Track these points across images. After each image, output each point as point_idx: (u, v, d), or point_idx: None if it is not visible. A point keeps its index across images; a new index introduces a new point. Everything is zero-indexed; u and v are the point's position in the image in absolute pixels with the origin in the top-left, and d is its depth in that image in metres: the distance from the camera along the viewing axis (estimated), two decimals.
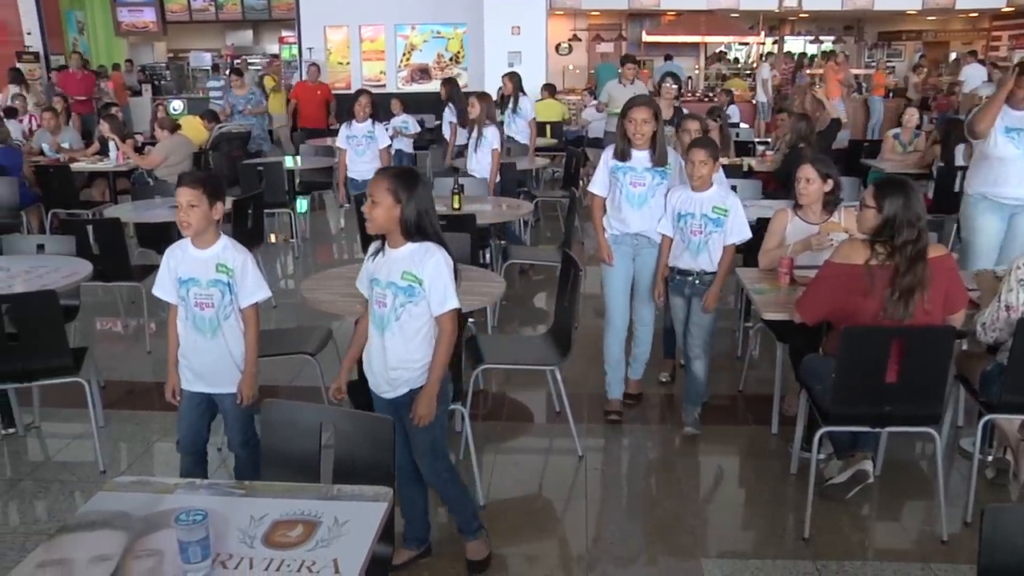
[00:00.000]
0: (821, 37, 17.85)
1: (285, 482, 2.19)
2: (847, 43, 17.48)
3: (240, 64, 14.80)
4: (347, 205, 7.44)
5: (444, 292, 2.66)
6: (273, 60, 14.15)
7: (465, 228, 4.69)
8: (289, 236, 8.11)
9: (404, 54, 15.09)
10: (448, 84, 8.95)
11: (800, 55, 16.19)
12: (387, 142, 6.90)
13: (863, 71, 15.54)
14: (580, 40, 16.55)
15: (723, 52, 17.46)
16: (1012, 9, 13.86)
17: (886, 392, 3.03)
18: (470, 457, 3.51)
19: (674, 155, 4.11)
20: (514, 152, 8.13)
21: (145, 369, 5.01)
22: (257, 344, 3.04)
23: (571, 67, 16.23)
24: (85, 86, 12.65)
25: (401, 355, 2.72)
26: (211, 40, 18.23)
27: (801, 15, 16.18)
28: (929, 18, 16.70)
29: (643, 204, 3.98)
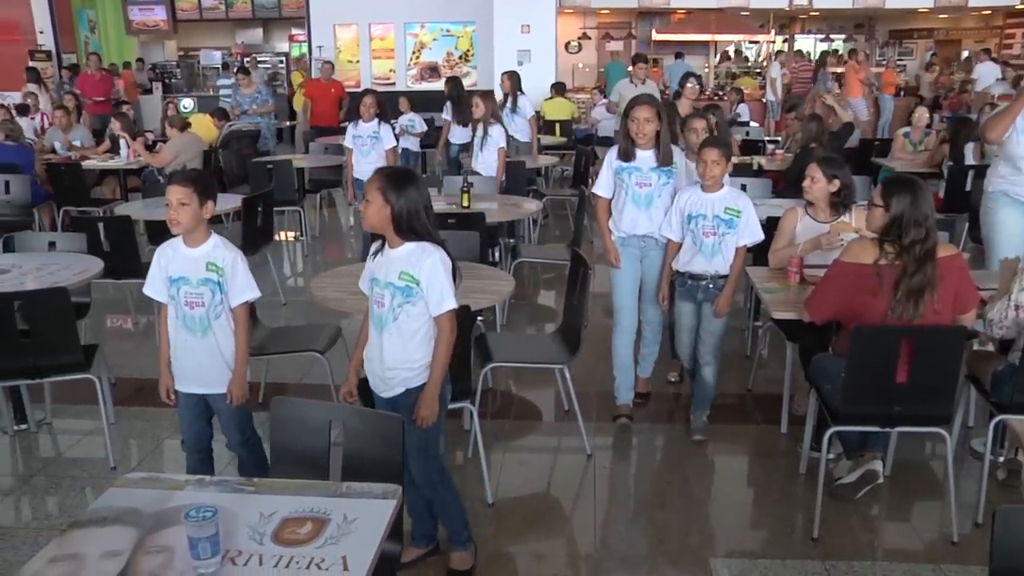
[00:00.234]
0: (832, 35, 17.77)
1: (294, 479, 2.20)
2: (858, 41, 17.40)
3: (249, 63, 14.82)
4: (355, 204, 7.45)
5: (441, 292, 2.64)
6: (300, 60, 13.91)
7: (474, 226, 4.69)
8: (299, 234, 8.14)
9: (413, 52, 15.10)
10: (451, 83, 9.00)
11: (823, 53, 16.03)
12: (393, 143, 6.82)
13: (874, 69, 15.45)
14: (590, 38, 16.54)
15: (737, 51, 17.37)
16: None
17: (896, 392, 3.02)
18: (479, 455, 3.51)
19: (679, 155, 4.06)
20: (518, 151, 8.12)
21: (155, 366, 4.90)
22: (247, 343, 3.02)
23: (581, 65, 16.22)
24: (103, 87, 12.69)
25: (398, 356, 2.72)
26: (221, 38, 18.31)
27: (812, 13, 16.11)
28: (941, 16, 16.62)
29: (649, 205, 3.92)
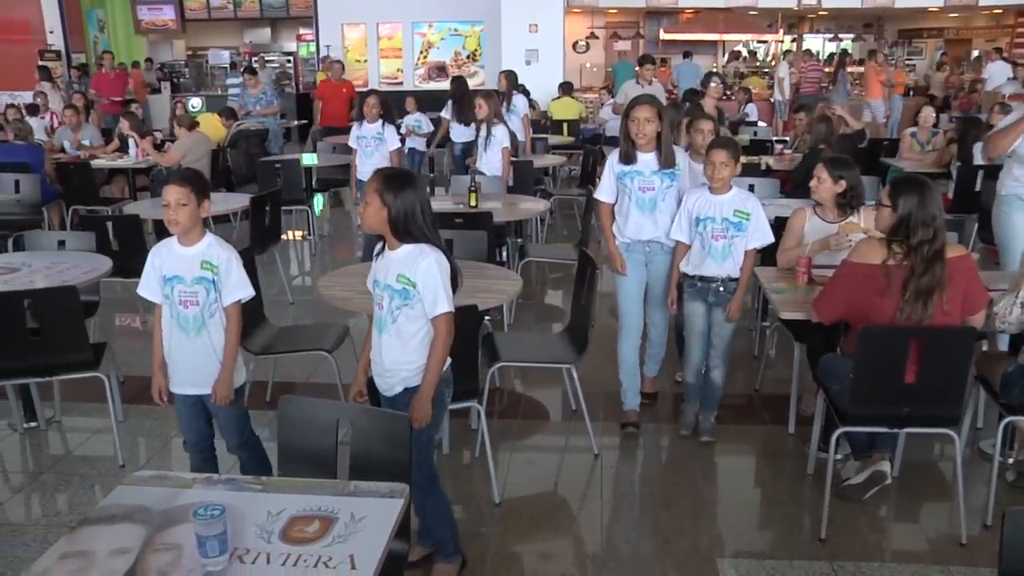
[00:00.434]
0: (840, 35, 17.72)
1: (302, 478, 2.20)
2: (867, 41, 17.34)
3: (257, 62, 14.86)
4: (359, 204, 7.45)
5: (436, 295, 2.62)
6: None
7: (482, 226, 4.69)
8: (307, 233, 8.15)
9: (421, 52, 15.13)
10: (455, 82, 9.04)
11: (843, 52, 15.95)
12: (396, 144, 6.71)
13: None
14: (597, 38, 16.53)
15: (751, 52, 17.29)
16: None
17: (904, 393, 3.01)
18: (486, 454, 3.51)
19: (683, 156, 3.99)
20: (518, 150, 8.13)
21: None
22: (236, 343, 3.00)
23: (588, 65, 16.22)
24: (119, 86, 12.73)
25: (397, 358, 2.71)
26: (229, 38, 18.37)
27: (820, 12, 16.07)
28: (951, 15, 16.54)
29: (654, 209, 3.84)
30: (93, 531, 1.91)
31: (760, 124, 11.32)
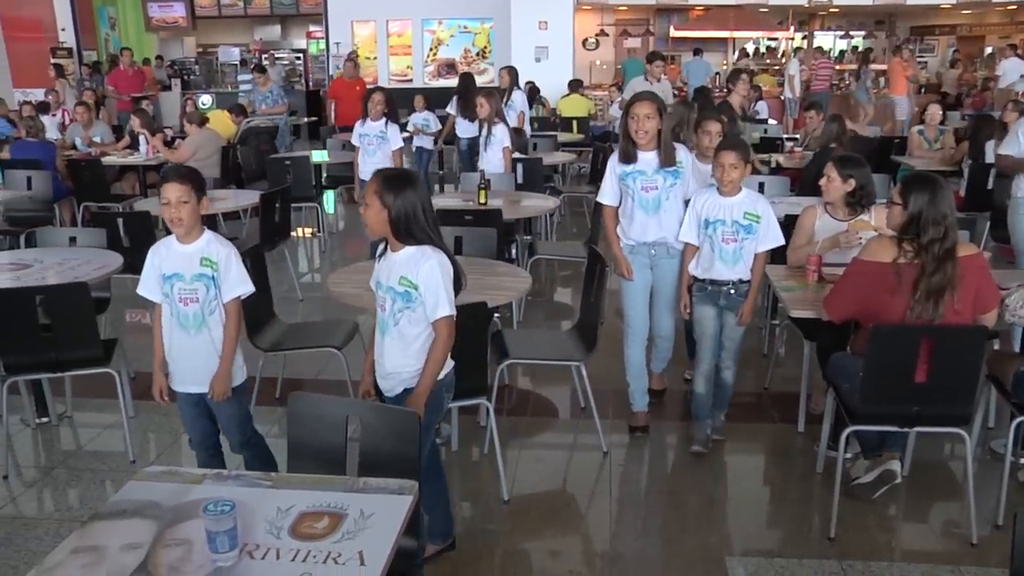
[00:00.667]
0: (852, 32, 17.62)
1: (311, 474, 2.21)
2: (878, 38, 17.25)
3: (267, 59, 14.88)
4: (361, 203, 7.45)
5: (437, 298, 2.60)
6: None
7: (491, 223, 4.69)
8: (316, 230, 8.17)
9: (431, 49, 15.13)
10: (463, 78, 9.09)
11: (867, 50, 15.83)
12: (399, 144, 6.58)
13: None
14: (607, 35, 16.51)
15: (769, 47, 17.20)
16: None
17: (915, 392, 3.00)
18: (495, 451, 3.52)
19: (686, 154, 3.90)
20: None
21: None
22: (235, 340, 2.99)
23: (598, 62, 16.20)
24: (137, 83, 12.77)
25: (398, 360, 2.70)
26: (239, 35, 18.42)
27: (831, 10, 15.99)
28: (964, 11, 16.44)
29: (657, 209, 3.76)
30: (104, 526, 1.93)
31: (771, 121, 11.27)
